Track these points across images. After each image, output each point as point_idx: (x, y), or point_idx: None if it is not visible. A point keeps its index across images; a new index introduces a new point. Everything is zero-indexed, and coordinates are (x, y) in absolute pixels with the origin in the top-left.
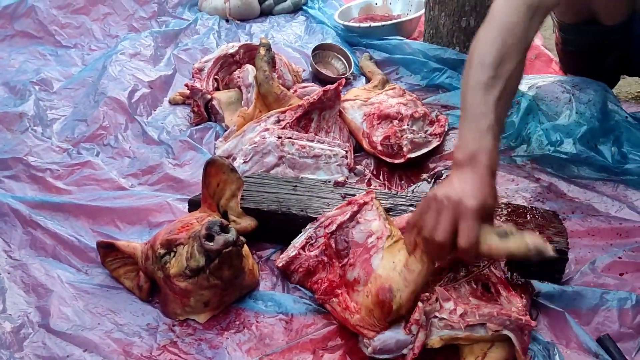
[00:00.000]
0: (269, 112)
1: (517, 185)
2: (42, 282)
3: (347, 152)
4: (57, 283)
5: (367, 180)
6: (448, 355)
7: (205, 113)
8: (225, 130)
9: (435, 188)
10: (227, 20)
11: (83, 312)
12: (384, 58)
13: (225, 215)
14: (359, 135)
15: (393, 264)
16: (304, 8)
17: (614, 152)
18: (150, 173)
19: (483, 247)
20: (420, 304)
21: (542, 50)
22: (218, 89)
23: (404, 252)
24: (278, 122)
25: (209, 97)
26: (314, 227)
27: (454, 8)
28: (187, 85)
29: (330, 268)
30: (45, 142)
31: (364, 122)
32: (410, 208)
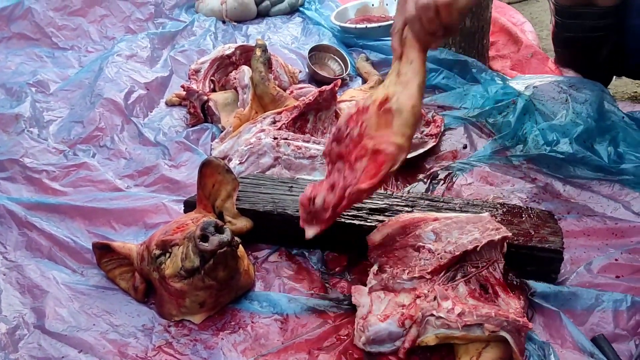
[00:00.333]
0: (265, 113)
1: (513, 186)
2: (37, 283)
3: None
4: (52, 284)
5: None
6: (444, 355)
7: (202, 114)
8: (222, 132)
9: None
10: (223, 22)
11: (78, 313)
12: (381, 59)
13: (221, 216)
14: None
15: (386, 86)
16: (301, 9)
17: (610, 152)
18: (147, 174)
19: None
20: (418, 301)
21: (538, 50)
22: (214, 90)
23: (390, 78)
24: (274, 123)
25: (205, 98)
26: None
27: None
28: (183, 87)
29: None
30: (42, 143)
31: None
32: (406, 208)
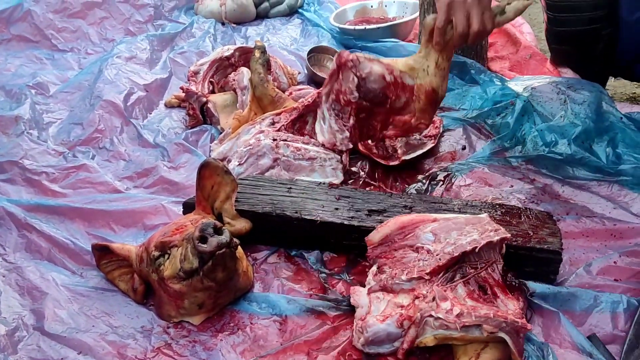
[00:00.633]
0: (264, 114)
1: (511, 187)
2: (37, 284)
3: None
4: (52, 286)
5: (361, 182)
6: (442, 355)
7: (201, 116)
8: (221, 133)
9: None
10: (223, 24)
11: (78, 314)
12: None
13: (220, 218)
14: None
15: (425, 72)
16: (300, 11)
17: (609, 152)
18: (146, 176)
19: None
20: (417, 301)
21: (536, 51)
22: (213, 92)
23: (427, 59)
24: (273, 124)
25: (205, 99)
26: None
27: None
28: (182, 88)
29: (372, 117)
30: (41, 145)
31: None
32: (405, 209)
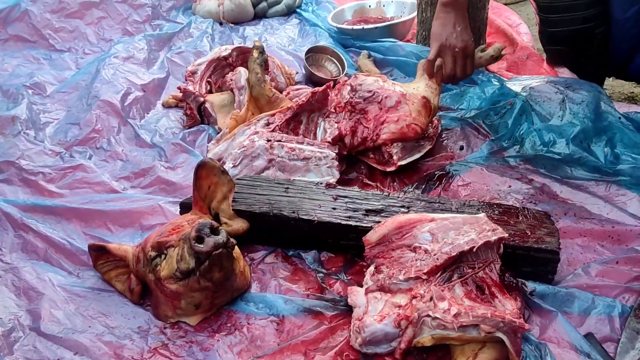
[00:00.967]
0: (260, 115)
1: (509, 187)
2: (33, 285)
3: (336, 153)
4: (48, 286)
5: (359, 183)
6: (440, 356)
7: (198, 116)
8: (218, 133)
9: (440, 33)
10: (220, 24)
11: (74, 315)
12: (378, 60)
13: (217, 218)
14: None
15: (417, 87)
16: (298, 11)
17: (607, 152)
18: (143, 176)
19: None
20: (414, 301)
21: (533, 51)
22: (211, 92)
23: (418, 81)
24: (267, 125)
25: (202, 99)
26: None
27: None
28: (180, 88)
29: (365, 117)
30: (38, 145)
31: None
32: (402, 209)
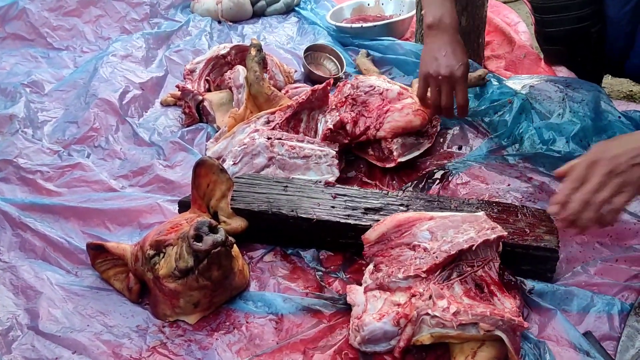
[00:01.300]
0: (259, 113)
1: (508, 185)
2: (31, 284)
3: (337, 151)
4: (46, 285)
5: (358, 182)
6: (439, 354)
7: (197, 114)
8: (217, 131)
9: (424, 62)
10: (219, 22)
11: (72, 314)
12: (377, 58)
13: (216, 216)
14: None
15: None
16: (296, 9)
17: None
18: (141, 174)
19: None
20: (413, 300)
21: (531, 50)
22: (209, 90)
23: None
24: (268, 123)
25: (200, 98)
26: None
27: None
28: (178, 87)
29: (367, 108)
30: (36, 144)
31: None
32: (401, 207)
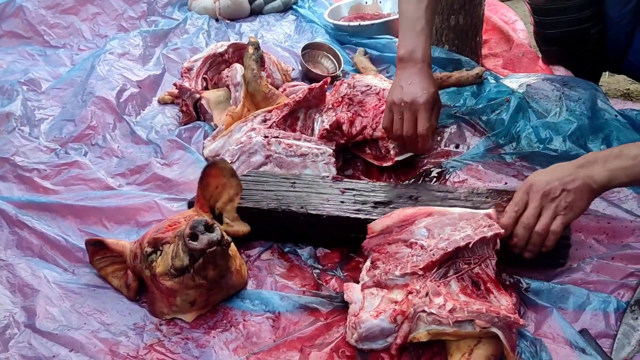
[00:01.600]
0: (257, 111)
1: (505, 184)
2: (28, 282)
3: (334, 149)
4: (43, 283)
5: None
6: (436, 352)
7: (194, 112)
8: (214, 130)
9: (390, 91)
10: (216, 20)
11: (69, 312)
12: (375, 57)
13: (220, 218)
14: None
15: None
16: (294, 7)
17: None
18: (139, 172)
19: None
20: (410, 297)
21: (528, 48)
22: (207, 88)
23: None
24: (264, 121)
25: (198, 96)
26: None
27: (443, 6)
28: (175, 85)
29: (363, 107)
30: (33, 142)
31: None
32: (410, 200)
